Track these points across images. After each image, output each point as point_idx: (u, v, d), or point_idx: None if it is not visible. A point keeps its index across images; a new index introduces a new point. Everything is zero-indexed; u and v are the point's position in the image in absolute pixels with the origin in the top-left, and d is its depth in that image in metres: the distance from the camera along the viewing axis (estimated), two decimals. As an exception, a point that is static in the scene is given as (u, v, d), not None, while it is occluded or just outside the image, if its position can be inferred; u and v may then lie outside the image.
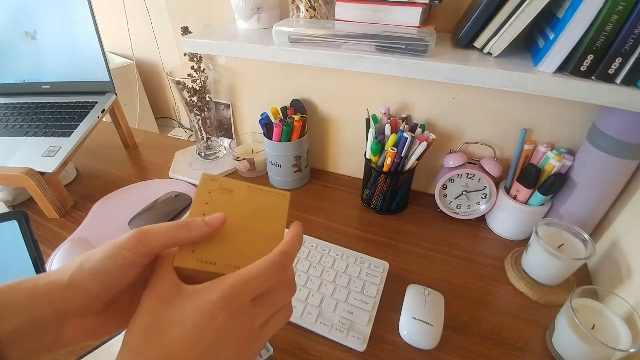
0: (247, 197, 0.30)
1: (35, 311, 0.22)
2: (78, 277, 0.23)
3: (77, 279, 0.22)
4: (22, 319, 0.21)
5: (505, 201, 0.61)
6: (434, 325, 0.47)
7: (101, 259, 0.23)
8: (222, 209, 0.28)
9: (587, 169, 0.54)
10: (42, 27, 0.75)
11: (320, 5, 0.56)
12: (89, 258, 0.23)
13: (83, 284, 0.22)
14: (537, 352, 0.47)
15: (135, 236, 0.24)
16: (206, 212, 0.28)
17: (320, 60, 0.50)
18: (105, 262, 0.23)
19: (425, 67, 0.45)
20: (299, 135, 0.70)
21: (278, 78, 0.75)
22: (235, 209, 0.29)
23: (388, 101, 0.67)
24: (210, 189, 0.30)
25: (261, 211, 0.30)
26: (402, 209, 0.71)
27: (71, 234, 0.64)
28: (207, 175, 0.30)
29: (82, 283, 0.22)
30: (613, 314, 0.43)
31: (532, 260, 0.54)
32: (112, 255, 0.23)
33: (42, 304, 0.22)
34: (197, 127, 0.82)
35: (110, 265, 0.23)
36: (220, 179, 0.30)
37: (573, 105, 0.55)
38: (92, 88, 0.79)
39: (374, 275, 0.55)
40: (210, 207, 0.29)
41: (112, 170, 0.84)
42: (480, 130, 0.64)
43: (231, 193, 0.30)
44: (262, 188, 0.31)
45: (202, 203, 0.29)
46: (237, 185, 0.30)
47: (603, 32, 0.36)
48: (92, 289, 0.23)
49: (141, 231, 0.24)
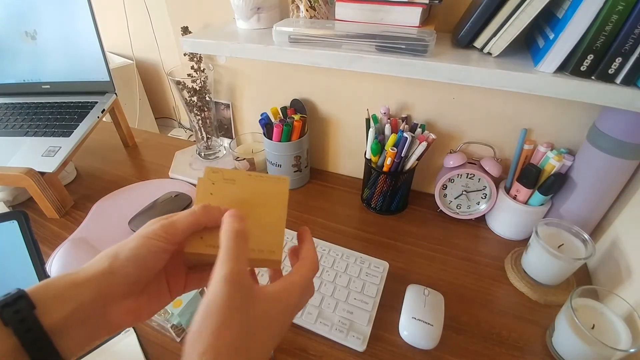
0: (249, 185, 0.32)
1: (80, 299, 0.23)
2: (116, 264, 0.25)
3: (115, 266, 0.25)
4: (70, 307, 0.23)
5: (505, 201, 0.61)
6: (434, 325, 0.47)
7: (134, 247, 0.26)
8: (226, 198, 0.30)
9: (587, 169, 0.54)
10: (42, 27, 0.75)
11: (320, 5, 0.56)
12: (123, 248, 0.26)
13: (121, 270, 0.25)
14: (537, 352, 0.47)
15: (162, 228, 0.27)
16: (212, 202, 0.29)
17: (320, 60, 0.50)
18: (138, 250, 0.26)
19: (425, 67, 0.45)
20: (299, 135, 0.70)
21: (278, 78, 0.75)
22: (239, 196, 0.31)
23: (388, 101, 0.67)
24: (214, 180, 0.31)
25: (263, 197, 0.31)
26: (402, 209, 0.71)
27: (71, 234, 0.64)
28: (210, 168, 0.32)
29: (120, 269, 0.25)
30: (613, 314, 0.43)
31: (532, 260, 0.54)
32: (145, 244, 0.26)
33: (86, 291, 0.24)
34: (197, 127, 0.82)
35: (144, 253, 0.26)
36: (223, 170, 0.32)
37: (573, 105, 0.55)
38: (92, 88, 0.79)
39: (374, 275, 0.55)
40: (215, 197, 0.30)
41: (112, 170, 0.84)
42: (480, 130, 0.64)
43: (234, 182, 0.31)
44: (262, 175, 0.32)
45: (207, 194, 0.30)
46: (239, 175, 0.32)
47: (603, 32, 0.36)
48: (130, 274, 0.25)
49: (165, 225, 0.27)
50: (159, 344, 0.48)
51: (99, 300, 0.24)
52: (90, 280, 0.24)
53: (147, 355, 0.46)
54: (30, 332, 0.21)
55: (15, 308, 0.22)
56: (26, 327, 0.21)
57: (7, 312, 0.21)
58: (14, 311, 0.21)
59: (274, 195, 0.32)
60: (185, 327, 0.48)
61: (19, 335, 0.21)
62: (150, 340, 0.48)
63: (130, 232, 0.64)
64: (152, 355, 0.46)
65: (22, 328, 0.21)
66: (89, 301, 0.24)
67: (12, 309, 0.21)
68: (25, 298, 0.22)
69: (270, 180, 0.32)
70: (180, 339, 0.48)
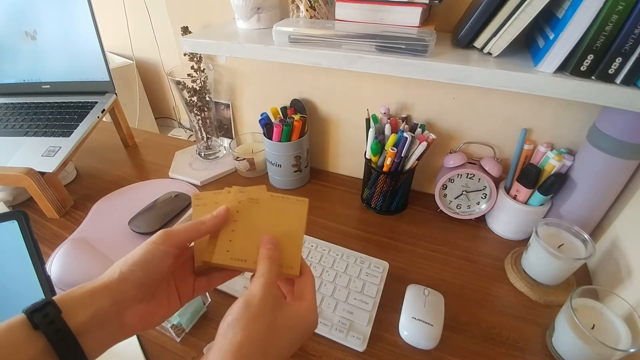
0: (271, 205, 0.35)
1: (99, 304, 0.26)
2: (126, 270, 0.28)
3: (126, 272, 0.28)
4: (90, 312, 0.26)
5: (505, 201, 0.61)
6: (434, 325, 0.47)
7: (141, 254, 0.29)
8: (251, 215, 0.34)
9: (587, 169, 0.54)
10: (42, 27, 0.75)
11: (320, 5, 0.56)
12: (131, 256, 0.29)
13: (131, 275, 0.28)
14: (537, 352, 0.46)
15: (162, 234, 0.30)
16: (238, 219, 0.34)
17: (320, 60, 0.50)
18: (144, 255, 0.29)
19: (425, 67, 0.45)
20: (299, 135, 0.70)
21: (278, 78, 0.75)
22: (262, 215, 0.34)
23: (388, 101, 0.67)
24: (240, 200, 0.35)
25: (284, 216, 0.35)
26: (402, 209, 0.71)
27: (71, 234, 0.64)
28: (238, 188, 0.35)
29: (130, 274, 0.28)
30: (613, 314, 0.43)
31: (532, 260, 0.54)
32: (149, 249, 0.29)
33: (103, 298, 0.27)
34: (197, 127, 0.82)
35: (150, 257, 0.29)
36: (249, 190, 0.35)
37: (573, 105, 0.55)
38: (92, 88, 0.79)
39: (374, 275, 0.55)
40: (241, 215, 0.34)
41: (112, 170, 0.84)
42: (480, 130, 0.64)
43: (258, 202, 0.35)
44: (283, 196, 0.35)
45: (234, 212, 0.34)
46: (262, 195, 0.35)
47: (603, 32, 0.36)
48: (140, 278, 0.28)
49: (166, 231, 0.30)
50: (159, 344, 0.48)
51: (114, 305, 0.27)
52: (106, 288, 0.27)
53: (147, 355, 0.46)
54: (59, 333, 0.24)
55: (45, 312, 0.24)
56: (55, 329, 0.24)
57: (37, 316, 0.24)
58: (43, 315, 0.24)
59: (294, 215, 0.35)
60: (185, 327, 0.48)
61: (49, 336, 0.24)
62: (150, 340, 0.48)
63: (130, 232, 0.64)
64: (152, 355, 0.46)
65: (51, 329, 0.24)
66: (106, 307, 0.27)
67: (41, 314, 0.24)
68: (52, 304, 0.25)
69: (290, 201, 0.35)
70: (180, 339, 0.48)
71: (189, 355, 0.46)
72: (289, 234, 0.34)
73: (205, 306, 0.51)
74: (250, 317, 0.26)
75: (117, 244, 0.62)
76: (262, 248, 0.32)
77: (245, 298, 0.28)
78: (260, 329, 0.27)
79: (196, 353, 0.46)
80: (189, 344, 0.48)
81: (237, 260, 0.32)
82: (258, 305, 0.27)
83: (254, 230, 0.33)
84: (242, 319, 0.26)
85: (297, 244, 0.34)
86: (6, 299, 0.41)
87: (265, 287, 0.28)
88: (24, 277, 0.42)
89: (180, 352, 0.47)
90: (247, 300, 0.27)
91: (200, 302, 0.50)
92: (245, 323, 0.26)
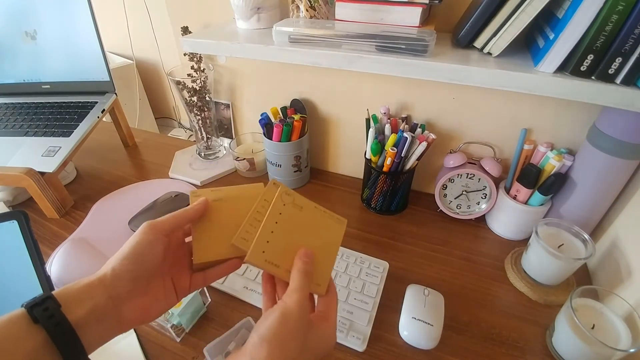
0: (313, 216, 0.35)
1: (95, 300, 0.27)
2: (118, 265, 0.29)
3: (117, 268, 0.29)
4: (87, 307, 0.27)
5: (505, 201, 0.61)
6: (434, 325, 0.47)
7: (129, 247, 0.30)
8: (292, 221, 0.33)
9: (587, 169, 0.54)
10: (42, 27, 0.75)
11: (320, 5, 0.56)
12: (121, 252, 0.30)
13: (123, 268, 0.29)
14: (537, 352, 0.46)
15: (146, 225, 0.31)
16: (279, 221, 0.33)
17: (320, 60, 0.50)
18: (133, 248, 0.30)
19: (425, 67, 0.45)
20: (299, 135, 0.70)
21: (278, 78, 0.75)
22: (303, 224, 0.34)
23: (388, 101, 0.67)
24: (285, 202, 0.34)
25: (322, 230, 0.35)
26: (402, 209, 0.71)
27: (71, 234, 0.64)
28: (285, 189, 0.35)
29: (122, 268, 0.29)
30: (613, 314, 0.43)
31: (532, 260, 0.54)
32: (137, 241, 0.30)
33: (99, 293, 0.27)
34: (197, 127, 0.82)
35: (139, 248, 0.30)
36: (294, 195, 0.35)
37: (573, 105, 0.55)
38: (92, 88, 0.79)
39: (374, 275, 0.55)
40: (283, 218, 0.33)
41: (112, 170, 0.84)
42: (480, 130, 0.64)
43: (301, 209, 0.34)
44: (326, 210, 0.36)
45: (277, 213, 0.33)
46: (306, 204, 0.35)
47: (603, 32, 0.36)
48: (132, 271, 0.29)
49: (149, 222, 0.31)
50: (158, 343, 0.48)
51: (110, 300, 0.28)
52: (100, 283, 0.28)
53: (147, 355, 0.46)
54: (59, 326, 0.25)
55: (45, 306, 0.25)
56: (55, 322, 0.25)
57: (37, 310, 0.24)
58: (43, 309, 0.25)
59: (332, 233, 0.35)
60: (185, 327, 0.48)
61: (49, 329, 0.24)
62: (150, 340, 0.48)
63: (131, 232, 0.64)
64: (152, 355, 0.46)
65: (51, 323, 0.24)
66: (102, 302, 0.27)
67: (41, 307, 0.25)
68: (51, 298, 0.26)
69: (331, 218, 0.35)
70: (180, 339, 0.48)
71: (189, 355, 0.46)
72: (323, 250, 0.33)
73: (205, 306, 0.51)
74: (287, 336, 0.27)
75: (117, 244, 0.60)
76: (298, 259, 0.32)
77: (282, 313, 0.28)
78: (295, 348, 0.27)
79: (196, 353, 0.46)
80: (189, 344, 0.48)
81: (270, 264, 0.31)
82: (295, 323, 0.28)
83: (292, 238, 0.33)
84: (278, 335, 0.27)
85: (329, 262, 0.34)
86: (6, 299, 0.41)
87: (301, 306, 0.29)
88: (24, 277, 0.42)
89: (180, 352, 0.47)
90: (284, 316, 0.28)
91: (200, 302, 0.50)
92: (281, 341, 0.27)
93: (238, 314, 0.50)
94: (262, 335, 0.27)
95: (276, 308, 0.28)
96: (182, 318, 0.47)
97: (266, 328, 0.27)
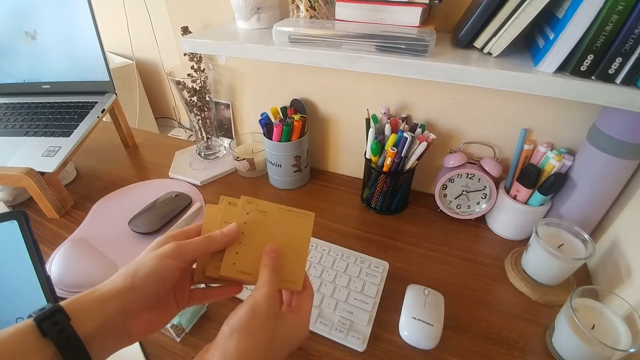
0: (278, 218, 0.35)
1: (107, 312, 0.27)
2: (137, 280, 0.28)
3: (137, 282, 0.28)
4: (99, 320, 0.26)
5: (505, 201, 0.61)
6: (434, 325, 0.47)
7: (153, 266, 0.29)
8: (258, 228, 0.34)
9: (587, 169, 0.54)
10: (42, 27, 0.75)
11: (320, 5, 0.56)
12: (142, 266, 0.29)
13: (142, 285, 0.28)
14: (537, 352, 0.46)
15: (174, 249, 0.30)
16: (245, 230, 0.33)
17: (320, 60, 0.50)
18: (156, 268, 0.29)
19: (425, 67, 0.45)
20: (299, 135, 0.70)
21: (278, 78, 0.75)
22: (269, 228, 0.34)
23: (388, 101, 0.67)
24: (248, 211, 0.34)
25: (290, 229, 0.34)
26: (402, 209, 0.71)
27: (71, 234, 0.64)
28: (246, 198, 0.35)
29: (141, 284, 0.28)
30: (613, 314, 0.43)
31: (532, 260, 0.54)
32: (163, 264, 0.29)
33: (112, 306, 0.27)
34: (197, 127, 0.82)
35: (163, 271, 0.29)
36: (257, 202, 0.35)
37: (573, 105, 0.55)
38: (92, 88, 0.79)
39: (374, 275, 0.55)
40: (249, 227, 0.34)
41: (112, 170, 0.84)
42: (480, 130, 0.64)
43: (265, 214, 0.35)
44: (290, 209, 0.35)
45: (242, 222, 0.34)
46: (270, 207, 0.35)
47: (603, 32, 0.36)
48: (150, 288, 0.29)
49: (179, 246, 0.31)
50: (159, 344, 0.48)
51: (122, 314, 0.28)
52: (115, 297, 0.27)
53: (147, 355, 0.46)
54: (68, 341, 0.24)
55: (54, 320, 0.24)
56: (65, 337, 0.24)
57: (47, 324, 0.24)
58: (52, 323, 0.24)
59: (300, 229, 0.35)
60: (185, 327, 0.48)
61: (58, 344, 0.24)
62: (150, 340, 0.48)
63: (130, 232, 0.64)
64: (152, 355, 0.46)
65: (61, 338, 0.24)
66: (114, 315, 0.27)
67: (51, 321, 0.24)
68: (61, 311, 0.25)
69: (297, 215, 0.35)
70: (180, 339, 0.48)
71: (189, 355, 0.46)
72: (294, 247, 0.34)
73: (205, 306, 0.51)
74: (256, 326, 0.28)
75: (117, 244, 0.62)
76: (264, 256, 0.32)
77: (251, 306, 0.29)
78: (264, 337, 0.28)
79: (196, 353, 0.46)
80: (189, 344, 0.48)
81: (243, 274, 0.32)
82: (263, 315, 0.29)
83: (261, 243, 0.33)
84: (248, 326, 0.28)
85: (301, 258, 0.34)
86: (6, 299, 0.41)
87: (269, 298, 0.30)
88: (24, 277, 0.42)
89: (180, 352, 0.47)
90: (253, 309, 0.29)
91: (200, 302, 0.50)
92: (251, 332, 0.28)
93: (238, 314, 0.50)
94: (232, 326, 0.28)
95: (246, 302, 0.29)
96: (182, 318, 0.47)
97: (236, 320, 0.28)
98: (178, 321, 0.47)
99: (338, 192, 0.77)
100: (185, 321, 0.48)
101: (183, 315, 0.47)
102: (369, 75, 0.66)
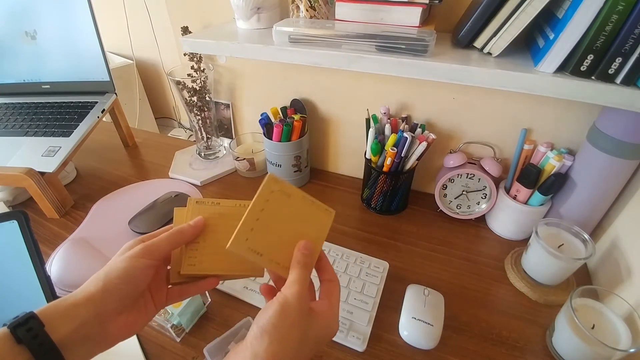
0: (301, 205, 0.33)
1: (82, 317, 0.27)
2: (109, 283, 0.29)
3: (109, 285, 0.29)
4: (73, 325, 0.26)
5: (505, 201, 0.61)
6: (434, 325, 0.47)
7: (124, 267, 0.29)
8: (279, 210, 0.32)
9: (587, 169, 0.54)
10: (42, 27, 0.75)
11: (320, 5, 0.56)
12: (112, 269, 0.29)
13: (115, 287, 0.29)
14: (537, 352, 0.47)
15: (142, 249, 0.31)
16: (265, 208, 0.31)
17: (320, 60, 0.50)
18: (127, 269, 0.29)
19: (425, 67, 0.45)
20: (299, 135, 0.70)
21: (278, 78, 0.75)
22: (289, 212, 0.33)
23: (388, 101, 0.67)
24: (273, 189, 0.32)
25: (309, 221, 0.33)
26: (402, 209, 0.71)
27: (71, 234, 0.64)
28: (273, 177, 0.33)
29: (114, 287, 0.29)
30: (613, 314, 0.43)
31: (532, 260, 0.54)
32: (132, 264, 0.30)
33: (86, 310, 0.27)
34: (197, 127, 0.82)
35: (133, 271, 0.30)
36: (283, 183, 0.33)
37: (573, 105, 0.55)
38: (92, 88, 0.79)
39: (374, 275, 0.55)
40: (270, 205, 0.32)
41: (112, 170, 0.84)
42: (480, 130, 0.64)
43: (289, 197, 0.33)
44: (314, 201, 0.34)
45: (264, 200, 0.32)
46: (295, 192, 0.33)
47: (603, 32, 0.36)
48: (123, 290, 0.29)
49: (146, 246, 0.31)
50: (158, 344, 0.48)
51: (97, 318, 0.28)
52: (89, 301, 0.28)
53: (146, 355, 0.46)
54: (43, 346, 0.25)
55: (28, 326, 0.25)
56: (39, 342, 0.25)
57: (21, 331, 0.25)
58: (27, 329, 0.25)
59: (318, 223, 0.34)
60: (185, 327, 0.48)
61: (33, 350, 0.24)
62: (150, 340, 0.48)
63: (130, 232, 0.64)
64: (152, 355, 0.46)
65: (35, 343, 0.25)
66: (89, 319, 0.27)
67: (25, 327, 0.25)
68: (35, 318, 0.26)
69: (319, 209, 0.34)
70: (180, 339, 0.48)
71: (189, 355, 0.46)
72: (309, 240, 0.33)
73: (205, 306, 0.51)
74: (287, 327, 0.27)
75: (117, 244, 0.60)
76: (297, 251, 0.31)
77: (282, 305, 0.28)
78: (295, 339, 0.27)
79: (196, 353, 0.46)
80: (189, 344, 0.48)
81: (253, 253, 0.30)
82: (294, 314, 0.28)
83: (277, 227, 0.32)
84: (279, 327, 0.27)
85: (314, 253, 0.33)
86: (6, 299, 0.41)
87: (300, 297, 0.29)
88: (24, 277, 0.42)
89: (180, 352, 0.47)
90: (283, 308, 0.28)
91: (200, 302, 0.50)
92: (282, 333, 0.27)
93: (238, 314, 0.50)
94: (262, 326, 0.27)
95: (275, 300, 0.28)
96: (182, 318, 0.47)
97: (266, 320, 0.27)
98: (178, 321, 0.47)
99: (338, 192, 0.77)
100: (185, 321, 0.48)
101: (183, 316, 0.47)
102: (369, 75, 0.66)
